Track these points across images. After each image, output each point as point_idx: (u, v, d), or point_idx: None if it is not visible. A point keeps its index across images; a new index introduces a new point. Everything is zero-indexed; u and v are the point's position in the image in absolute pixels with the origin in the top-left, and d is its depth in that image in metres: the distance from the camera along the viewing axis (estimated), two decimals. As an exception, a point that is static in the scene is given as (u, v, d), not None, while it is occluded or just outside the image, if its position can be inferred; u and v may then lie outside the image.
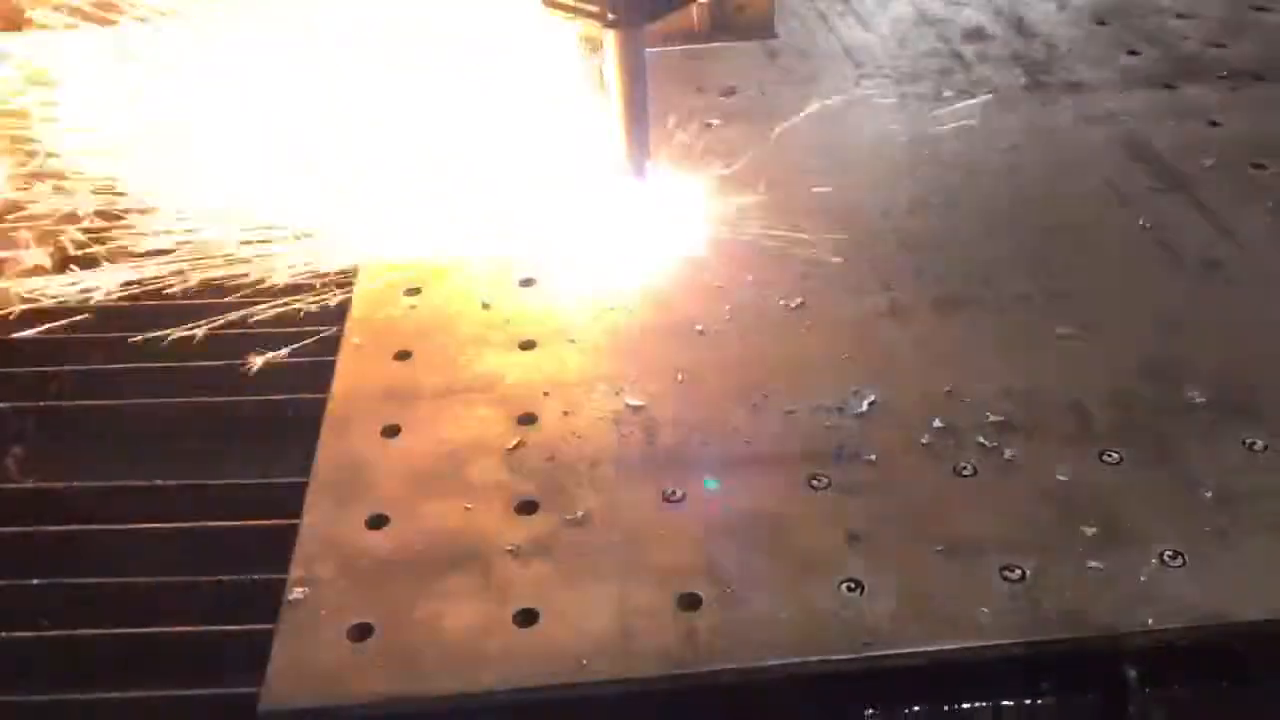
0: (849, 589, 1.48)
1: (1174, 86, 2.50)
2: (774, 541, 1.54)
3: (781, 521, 1.57)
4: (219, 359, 1.91)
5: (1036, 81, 2.55)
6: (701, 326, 1.91)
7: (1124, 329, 1.88)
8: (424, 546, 1.56)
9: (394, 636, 1.44)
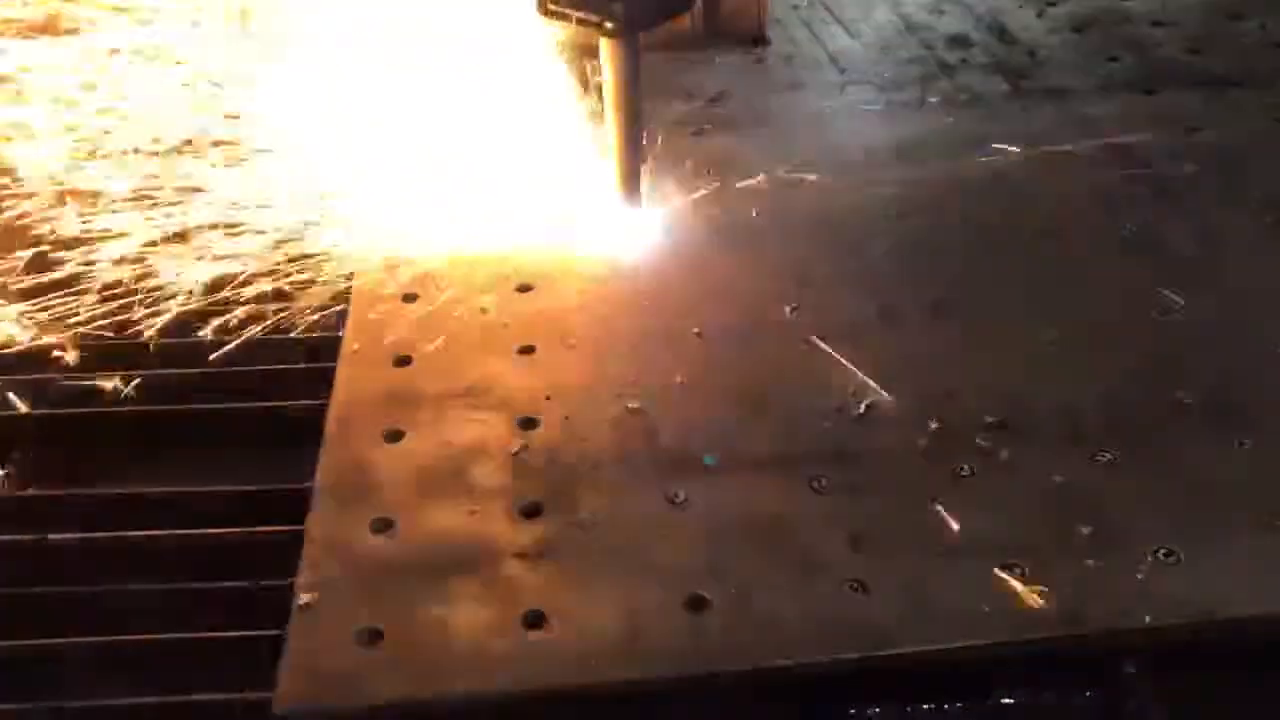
0: (853, 589, 1.50)
1: (1153, 92, 2.54)
2: (777, 543, 1.57)
3: (784, 523, 1.60)
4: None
5: (1018, 88, 2.59)
6: (699, 330, 1.93)
7: (1112, 332, 1.91)
8: (430, 550, 1.57)
9: (404, 639, 1.45)
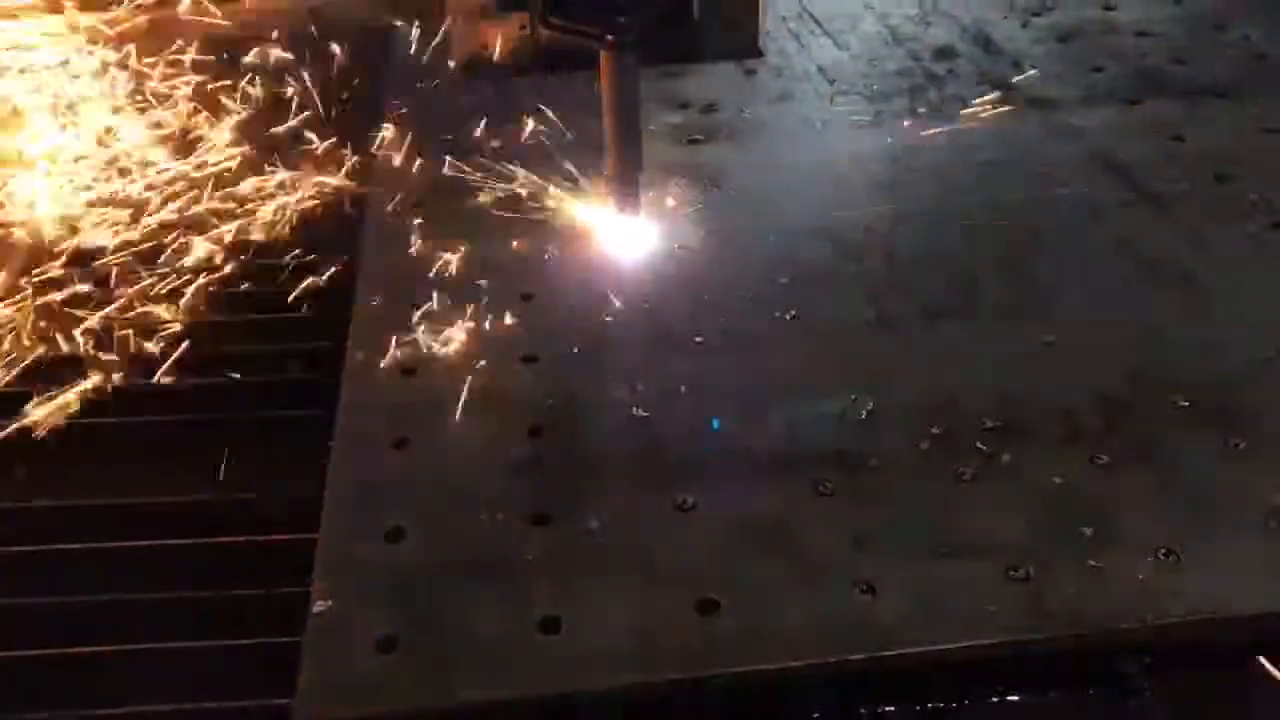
0: (861, 591, 1.53)
1: (1138, 102, 2.59)
2: (786, 546, 1.59)
3: (791, 526, 1.62)
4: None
5: (1006, 98, 2.63)
6: (700, 337, 1.95)
7: (1105, 337, 1.94)
8: (443, 557, 1.58)
9: (420, 646, 1.47)
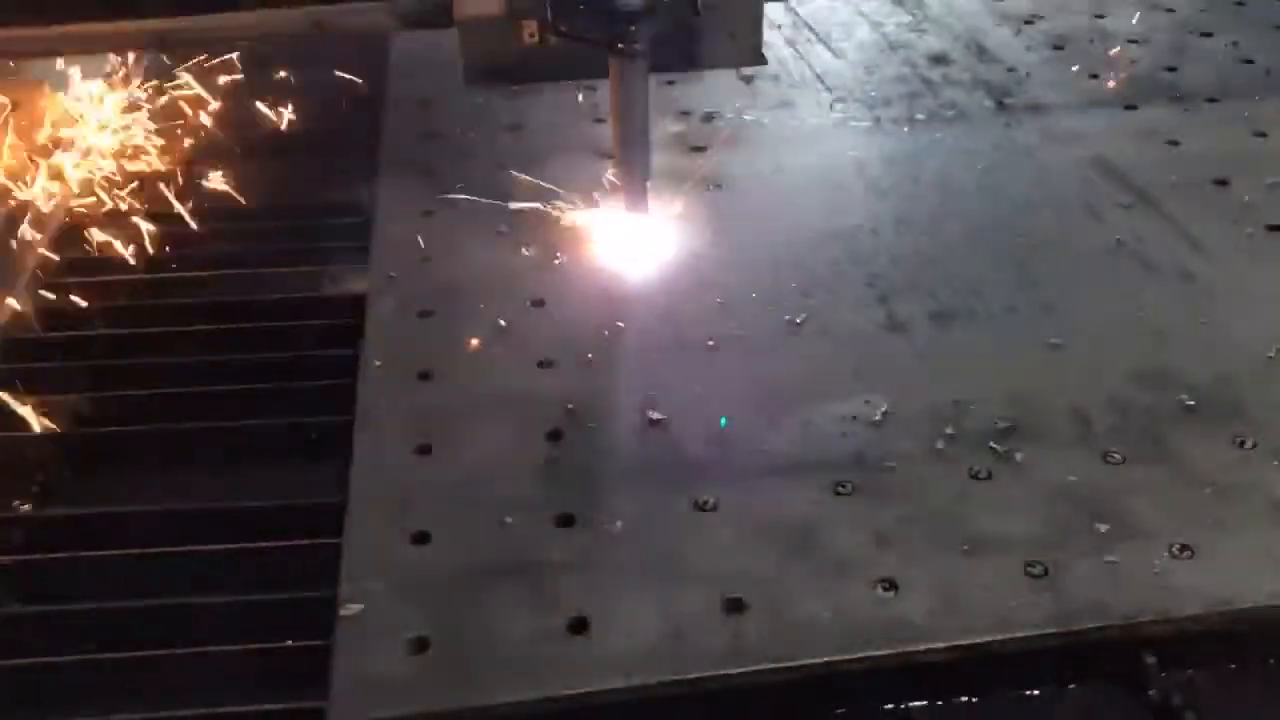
0: (884, 588, 1.55)
1: (1133, 107, 2.63)
2: (808, 545, 1.61)
3: (812, 526, 1.64)
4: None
5: (1002, 104, 2.67)
6: (713, 342, 1.97)
7: (1111, 338, 1.98)
8: (470, 560, 1.60)
9: (451, 647, 1.48)
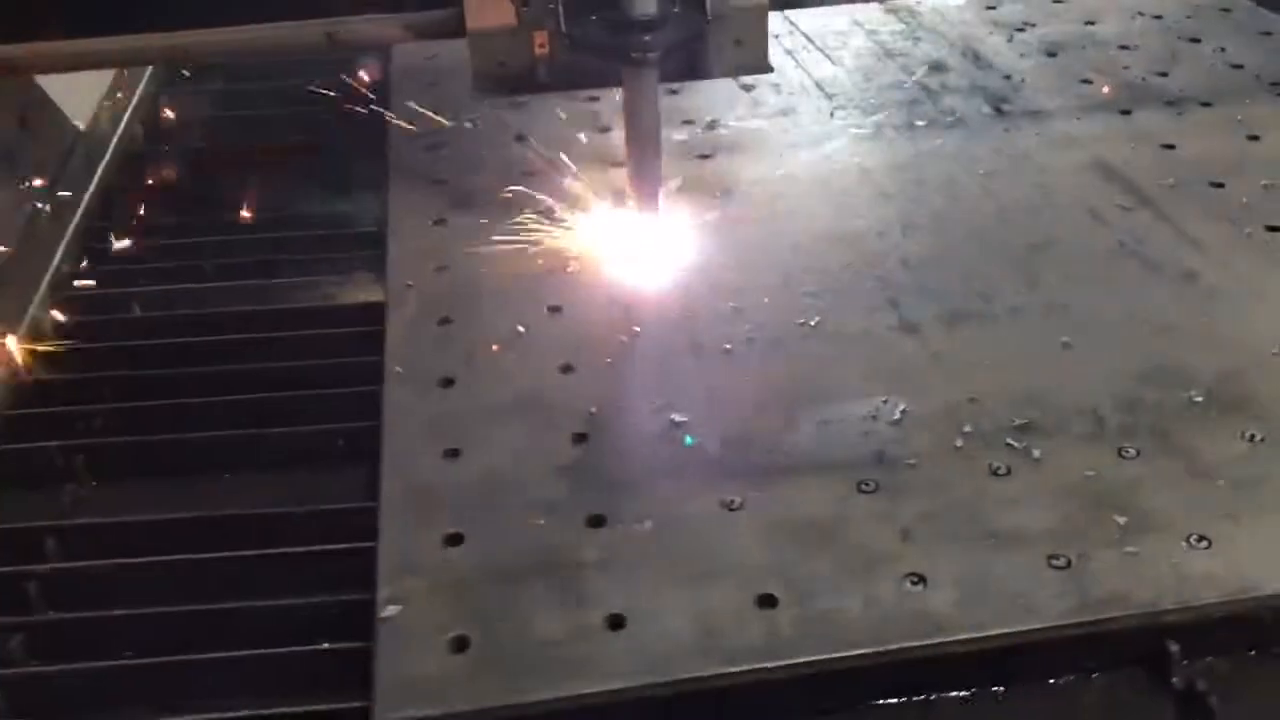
0: (912, 582, 1.58)
1: (1128, 112, 2.68)
2: (835, 542, 1.64)
3: (838, 523, 1.67)
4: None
5: (1000, 110, 2.72)
6: (730, 345, 2.01)
7: (1118, 336, 2.02)
8: (505, 560, 1.62)
9: (491, 646, 1.51)
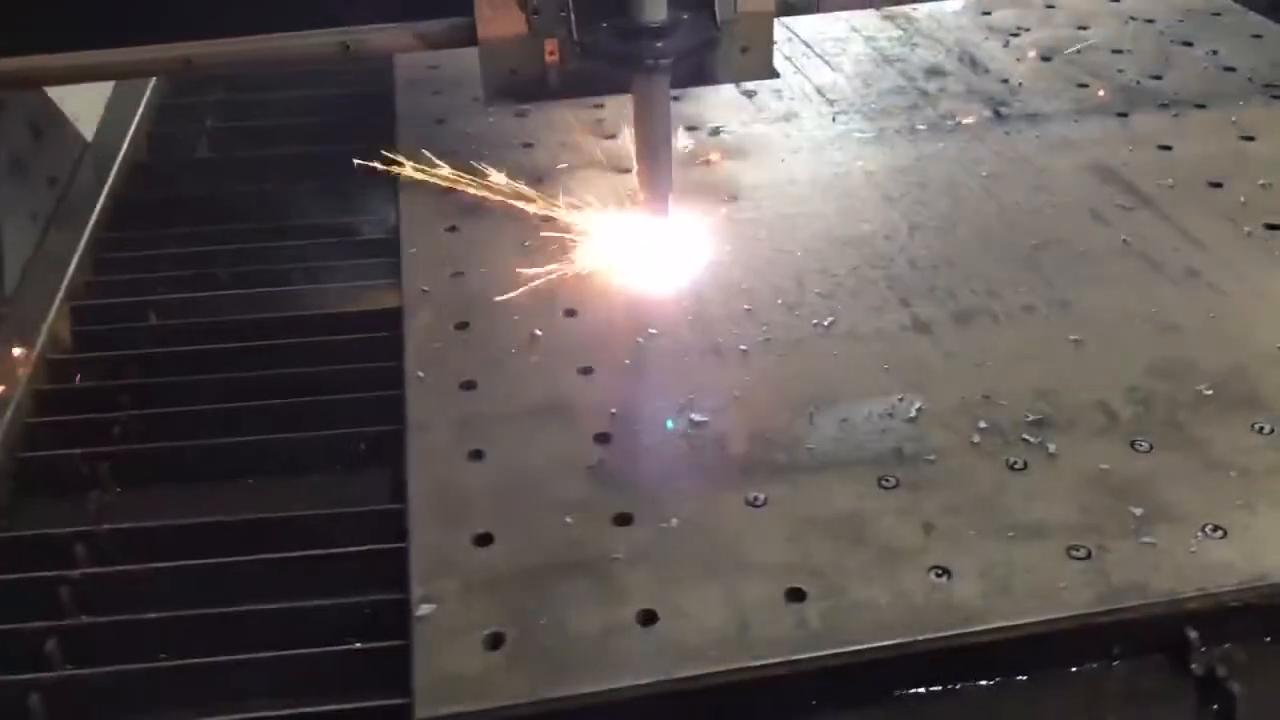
0: (937, 575, 1.61)
1: (1124, 115, 2.73)
2: (859, 537, 1.67)
3: (861, 518, 1.70)
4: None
5: (998, 114, 2.76)
6: (745, 347, 2.04)
7: (1126, 333, 2.06)
8: (535, 559, 1.65)
9: (527, 642, 1.53)
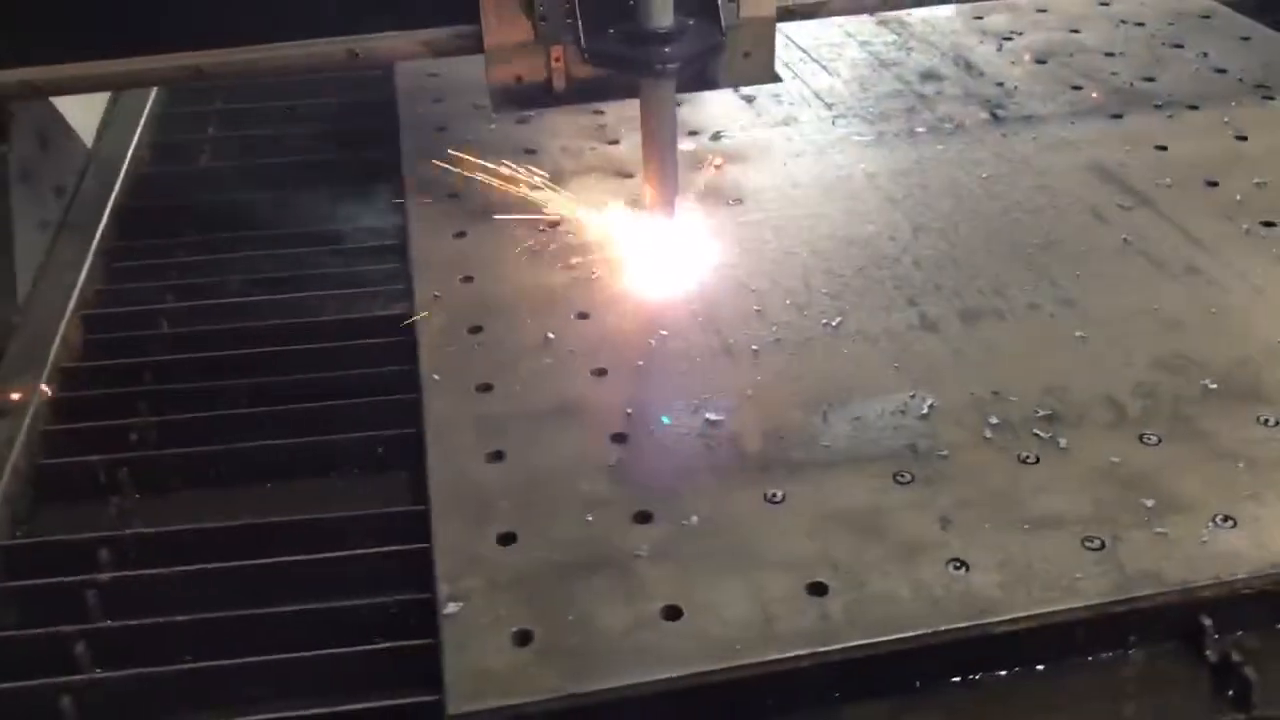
0: (955, 567, 1.64)
1: (1119, 116, 2.77)
2: (877, 531, 1.70)
3: (879, 513, 1.73)
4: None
5: (996, 116, 2.79)
6: (756, 347, 2.06)
7: (1131, 329, 2.09)
8: (558, 557, 1.67)
9: (555, 638, 1.55)
